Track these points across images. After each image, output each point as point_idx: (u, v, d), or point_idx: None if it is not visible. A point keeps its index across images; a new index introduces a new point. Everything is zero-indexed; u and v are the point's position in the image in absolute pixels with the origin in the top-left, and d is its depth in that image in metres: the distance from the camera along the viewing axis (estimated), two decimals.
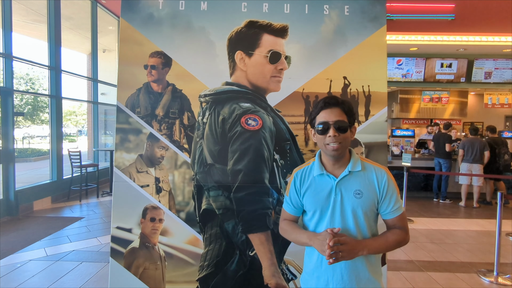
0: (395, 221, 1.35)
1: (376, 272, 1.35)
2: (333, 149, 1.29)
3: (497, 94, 9.45)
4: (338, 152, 1.30)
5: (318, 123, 1.32)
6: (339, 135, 1.28)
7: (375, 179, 1.33)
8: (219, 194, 2.18)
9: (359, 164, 1.34)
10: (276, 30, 2.24)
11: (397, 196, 1.35)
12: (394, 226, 1.35)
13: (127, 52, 2.26)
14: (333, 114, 1.29)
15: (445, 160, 6.71)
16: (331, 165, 1.35)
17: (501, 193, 3.43)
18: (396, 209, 1.34)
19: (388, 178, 1.34)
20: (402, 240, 1.33)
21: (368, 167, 1.36)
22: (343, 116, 1.30)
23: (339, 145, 1.28)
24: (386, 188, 1.32)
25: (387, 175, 1.35)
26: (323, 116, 1.31)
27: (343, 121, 1.29)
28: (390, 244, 1.31)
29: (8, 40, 5.35)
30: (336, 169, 1.35)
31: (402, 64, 8.83)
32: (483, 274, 3.42)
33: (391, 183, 1.34)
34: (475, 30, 7.52)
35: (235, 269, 2.18)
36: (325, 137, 1.29)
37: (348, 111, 1.32)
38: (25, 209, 5.62)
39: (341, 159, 1.34)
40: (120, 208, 2.23)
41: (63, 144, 6.77)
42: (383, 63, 2.28)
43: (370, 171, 1.35)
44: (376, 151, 2.26)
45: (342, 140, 1.28)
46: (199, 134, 2.23)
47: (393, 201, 1.33)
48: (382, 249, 1.32)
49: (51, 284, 3.12)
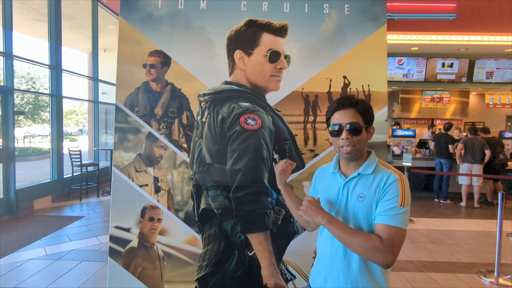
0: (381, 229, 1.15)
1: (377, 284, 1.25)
2: (346, 152, 1.25)
3: (498, 94, 9.42)
4: (352, 155, 1.26)
5: (332, 125, 1.28)
6: (352, 138, 1.23)
7: (381, 182, 1.22)
8: (218, 194, 2.17)
9: (372, 167, 1.27)
10: (276, 29, 2.23)
11: (397, 205, 1.16)
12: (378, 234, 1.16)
13: (126, 51, 2.25)
14: (347, 116, 1.25)
15: (446, 160, 6.69)
16: (345, 165, 1.32)
17: (502, 193, 3.42)
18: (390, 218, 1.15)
19: (394, 184, 1.19)
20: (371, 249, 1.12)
21: (381, 171, 1.26)
22: (358, 117, 1.25)
23: (352, 147, 1.24)
24: (387, 191, 1.19)
25: (396, 181, 1.20)
26: (336, 118, 1.27)
27: (357, 122, 1.24)
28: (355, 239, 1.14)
29: (9, 39, 5.35)
30: (350, 169, 1.31)
31: (403, 64, 8.81)
32: (484, 275, 3.40)
33: (397, 189, 1.18)
34: (476, 30, 7.50)
35: (234, 269, 2.17)
36: (338, 139, 1.26)
37: (364, 111, 1.26)
38: (26, 208, 5.63)
39: (355, 160, 1.29)
40: (119, 207, 2.22)
41: (64, 143, 6.78)
42: (383, 62, 2.27)
43: (379, 174, 1.24)
44: (376, 151, 2.24)
45: (356, 142, 1.24)
46: (198, 133, 2.22)
47: (390, 206, 1.16)
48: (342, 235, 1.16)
49: (50, 283, 3.12)
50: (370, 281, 1.24)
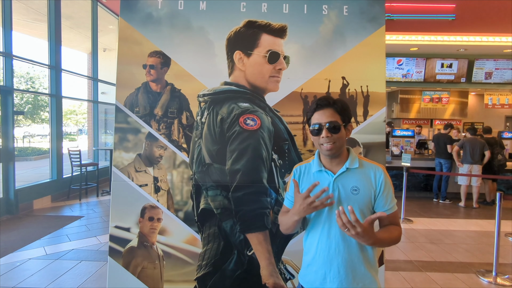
0: (391, 218, 1.37)
1: (372, 268, 1.36)
2: (327, 149, 1.33)
3: (497, 95, 9.44)
4: (332, 152, 1.34)
5: (312, 124, 1.37)
6: (332, 136, 1.31)
7: (372, 176, 1.36)
8: (218, 194, 2.18)
9: (357, 162, 1.38)
10: (275, 30, 2.24)
11: (392, 194, 1.39)
12: (390, 223, 1.38)
13: (126, 52, 2.26)
14: (325, 115, 1.33)
15: (446, 161, 6.70)
16: (329, 162, 1.39)
17: (500, 193, 3.43)
18: (392, 207, 1.37)
19: (385, 176, 1.37)
20: (400, 236, 1.36)
21: (365, 164, 1.40)
22: (336, 116, 1.33)
23: (333, 145, 1.32)
24: (383, 186, 1.35)
25: (384, 173, 1.38)
26: (316, 118, 1.35)
27: (336, 121, 1.32)
28: (393, 238, 1.32)
29: (8, 39, 5.35)
30: (334, 166, 1.39)
31: (403, 64, 8.83)
32: (482, 275, 3.42)
33: (388, 181, 1.38)
34: (475, 30, 7.52)
35: (233, 269, 2.18)
36: (319, 138, 1.34)
37: (342, 110, 1.35)
38: (25, 208, 5.63)
39: (338, 157, 1.38)
40: (119, 207, 2.23)
41: (63, 143, 6.78)
42: (381, 63, 2.28)
43: (367, 168, 1.38)
44: (374, 151, 2.26)
45: (336, 140, 1.32)
46: (198, 133, 2.23)
47: (389, 198, 1.36)
48: (384, 242, 1.31)
49: (50, 283, 3.13)
50: (366, 266, 1.35)
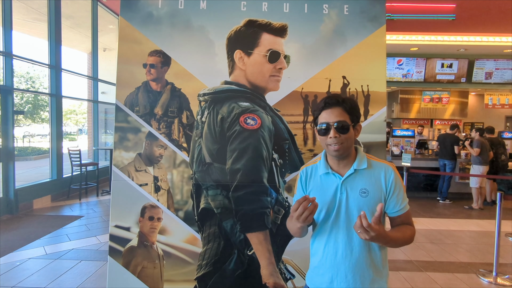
0: (403, 218, 1.33)
1: (381, 272, 1.32)
2: (334, 150, 1.27)
3: (497, 95, 9.45)
4: (340, 153, 1.27)
5: (319, 124, 1.30)
6: (340, 136, 1.25)
7: (382, 177, 1.30)
8: (218, 193, 2.18)
9: (365, 162, 1.32)
10: (276, 29, 2.24)
11: (404, 193, 1.32)
12: (402, 223, 1.33)
13: (126, 51, 2.26)
14: (334, 115, 1.26)
15: (450, 162, 6.66)
16: (336, 164, 1.33)
17: (501, 193, 3.43)
18: (404, 207, 1.32)
19: (395, 176, 1.30)
20: (413, 236, 1.31)
21: (374, 164, 1.33)
22: (345, 115, 1.26)
23: (341, 145, 1.26)
24: (394, 186, 1.29)
25: (394, 172, 1.31)
26: (323, 117, 1.28)
27: (344, 121, 1.26)
28: (406, 238, 1.29)
29: (8, 38, 5.35)
30: (342, 168, 1.32)
31: (403, 64, 8.83)
32: (482, 275, 3.41)
33: (398, 180, 1.31)
34: (475, 31, 7.52)
35: (233, 268, 2.18)
36: (326, 138, 1.27)
37: (351, 109, 1.28)
38: (25, 207, 5.63)
39: (345, 159, 1.31)
40: (119, 206, 2.23)
41: (63, 142, 6.78)
42: (382, 62, 2.27)
43: (376, 168, 1.32)
44: (374, 151, 2.26)
45: (344, 140, 1.26)
46: (198, 133, 2.23)
47: (400, 198, 1.30)
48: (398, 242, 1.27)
49: (50, 282, 3.12)
50: (374, 271, 1.30)
